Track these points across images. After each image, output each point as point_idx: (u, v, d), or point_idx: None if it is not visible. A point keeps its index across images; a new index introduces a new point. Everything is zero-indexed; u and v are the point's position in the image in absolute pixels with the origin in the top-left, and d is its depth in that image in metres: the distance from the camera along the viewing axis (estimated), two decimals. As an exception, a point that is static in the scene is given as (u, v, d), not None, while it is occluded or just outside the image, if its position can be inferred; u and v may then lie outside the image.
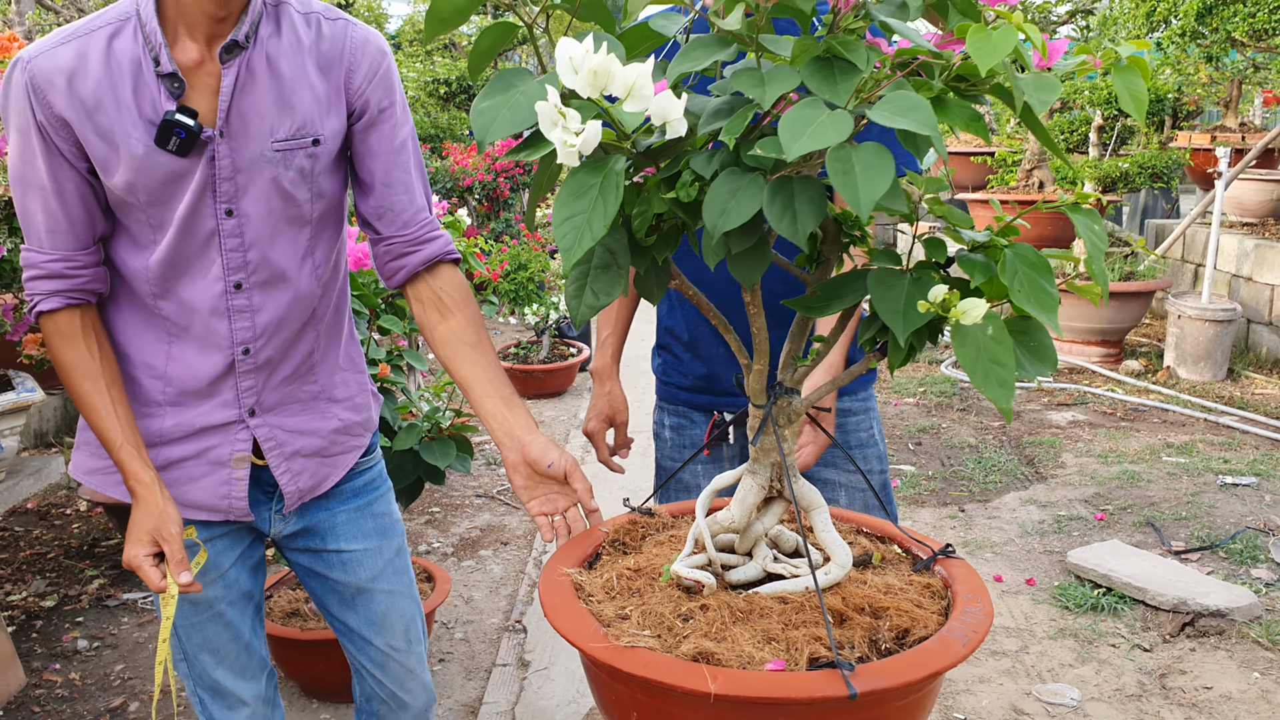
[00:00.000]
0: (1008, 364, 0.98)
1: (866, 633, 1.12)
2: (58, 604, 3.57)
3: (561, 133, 0.95)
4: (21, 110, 1.45)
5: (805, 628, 1.11)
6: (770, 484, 1.22)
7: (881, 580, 1.23)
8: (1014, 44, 0.89)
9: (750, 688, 1.00)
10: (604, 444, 2.14)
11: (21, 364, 3.74)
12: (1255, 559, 3.80)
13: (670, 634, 1.11)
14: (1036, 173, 8.00)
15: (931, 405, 5.93)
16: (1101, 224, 1.06)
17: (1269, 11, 5.90)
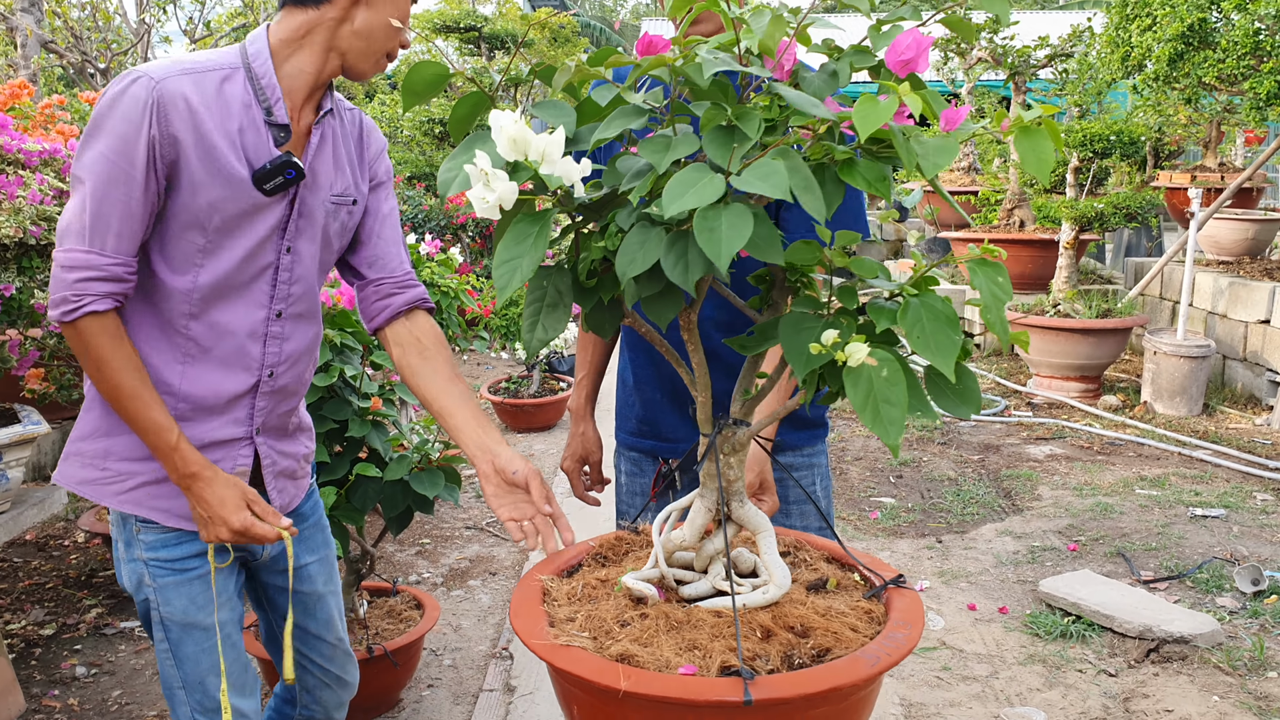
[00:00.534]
0: (899, 404, 1.08)
1: (785, 648, 1.22)
2: (56, 632, 3.67)
3: (481, 189, 1.09)
4: (134, 120, 1.59)
5: (728, 639, 1.22)
6: (717, 507, 1.34)
7: (825, 603, 1.34)
8: (891, 114, 1.02)
9: (657, 688, 1.12)
10: (579, 481, 2.24)
11: (24, 398, 3.86)
12: (1221, 588, 3.91)
13: (606, 637, 1.24)
14: (1017, 212, 8.19)
15: (912, 439, 6.06)
16: (1006, 277, 1.16)
17: (1237, 58, 6.08)
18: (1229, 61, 6.18)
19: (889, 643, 1.23)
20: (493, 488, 1.64)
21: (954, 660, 3.45)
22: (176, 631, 1.80)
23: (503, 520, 1.60)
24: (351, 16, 1.72)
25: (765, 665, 1.19)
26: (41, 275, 3.13)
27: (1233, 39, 6.12)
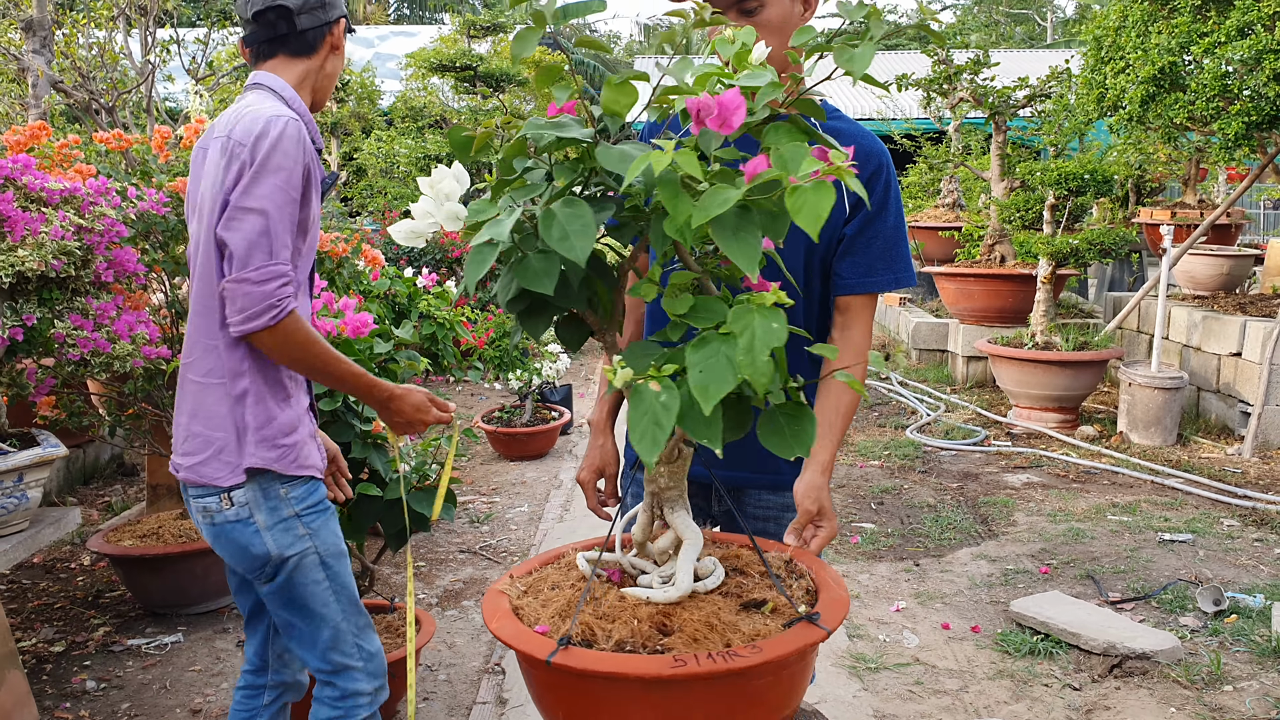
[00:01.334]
0: (665, 426, 1.22)
1: (634, 636, 1.39)
2: (66, 649, 3.82)
3: (410, 223, 1.41)
4: (294, 155, 2.03)
5: (625, 620, 1.43)
6: (654, 510, 1.53)
7: (728, 618, 1.44)
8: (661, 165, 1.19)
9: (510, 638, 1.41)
10: (593, 493, 2.19)
11: (36, 424, 4.03)
12: (1184, 608, 4.08)
13: (543, 609, 1.48)
14: (998, 247, 8.41)
15: (895, 468, 6.23)
16: (782, 321, 1.22)
17: (1206, 100, 6.32)
18: (1199, 103, 6.42)
19: (716, 659, 1.32)
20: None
21: (926, 675, 3.61)
22: (333, 563, 2.21)
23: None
24: (325, 63, 2.25)
25: (607, 643, 1.37)
26: (61, 306, 3.31)
27: (1202, 81, 6.36)
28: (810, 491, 1.86)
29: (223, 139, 2.06)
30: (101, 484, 6.02)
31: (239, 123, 2.06)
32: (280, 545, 2.13)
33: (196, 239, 2.13)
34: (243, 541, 2.12)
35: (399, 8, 33.87)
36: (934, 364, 9.31)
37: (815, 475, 1.87)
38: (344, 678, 2.28)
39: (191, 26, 14.54)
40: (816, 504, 1.85)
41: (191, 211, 2.19)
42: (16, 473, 3.02)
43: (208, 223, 2.06)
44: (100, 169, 3.79)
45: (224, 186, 2.02)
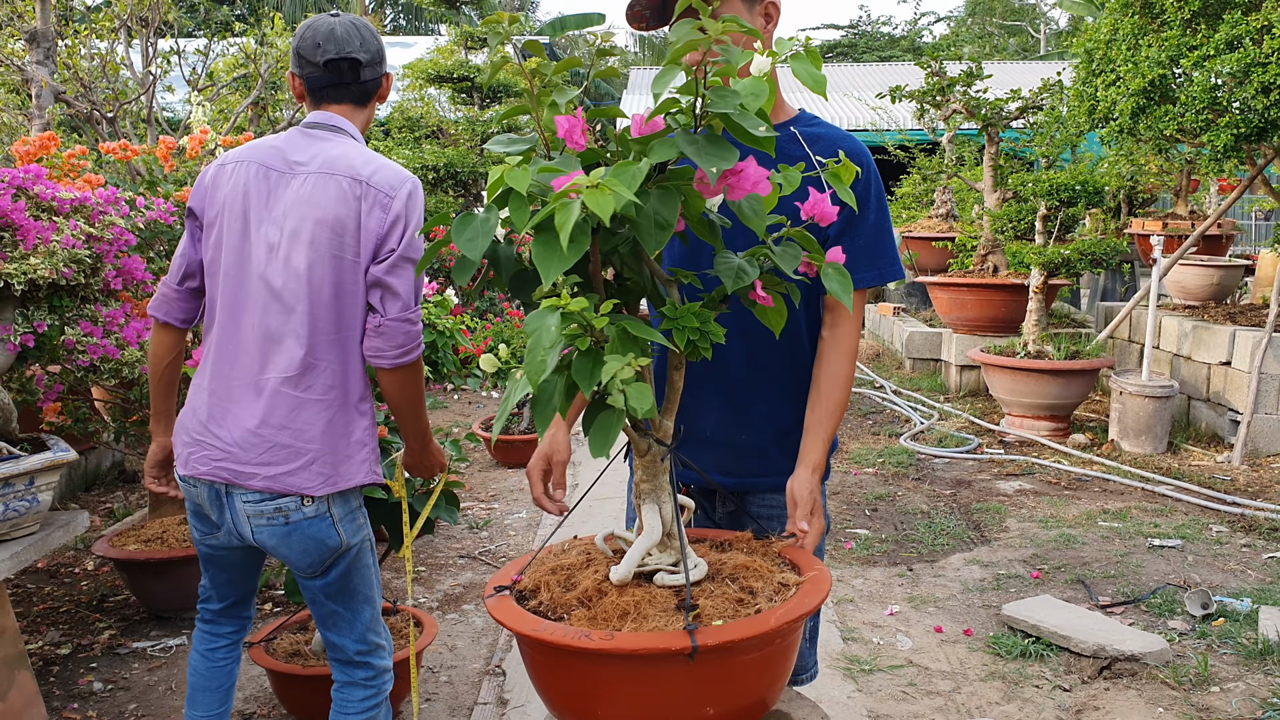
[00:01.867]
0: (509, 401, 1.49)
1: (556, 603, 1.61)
2: (72, 652, 3.87)
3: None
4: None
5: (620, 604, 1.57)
6: (637, 501, 1.69)
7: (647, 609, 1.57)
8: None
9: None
10: (538, 482, 2.19)
11: (43, 429, 4.09)
12: (1173, 612, 4.15)
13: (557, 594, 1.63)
14: (991, 257, 8.50)
15: (889, 475, 6.30)
16: (560, 321, 1.41)
17: (1195, 113, 6.41)
18: (1189, 115, 6.49)
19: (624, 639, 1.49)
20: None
21: (919, 677, 3.68)
22: (374, 549, 2.46)
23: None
24: (373, 111, 2.45)
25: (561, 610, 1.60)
26: (70, 314, 3.37)
27: (1191, 94, 6.44)
28: (803, 487, 1.95)
29: (351, 179, 2.24)
30: (103, 490, 6.07)
31: (377, 170, 2.26)
32: (349, 535, 2.34)
33: (297, 269, 2.23)
34: (320, 536, 2.28)
35: (395, 18, 34.00)
36: (928, 373, 9.39)
37: (807, 472, 1.96)
38: (377, 655, 2.48)
39: (189, 37, 14.61)
40: (810, 500, 1.93)
41: (258, 225, 2.27)
42: (28, 476, 3.08)
43: (330, 261, 2.23)
44: (109, 179, 3.86)
45: (374, 231, 2.23)
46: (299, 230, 2.22)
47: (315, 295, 2.22)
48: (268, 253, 2.24)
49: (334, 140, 2.31)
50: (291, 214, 2.23)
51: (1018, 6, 40.44)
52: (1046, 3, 39.84)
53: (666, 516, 1.67)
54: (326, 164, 2.25)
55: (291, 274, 2.22)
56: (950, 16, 41.51)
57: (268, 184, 2.27)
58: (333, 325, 2.24)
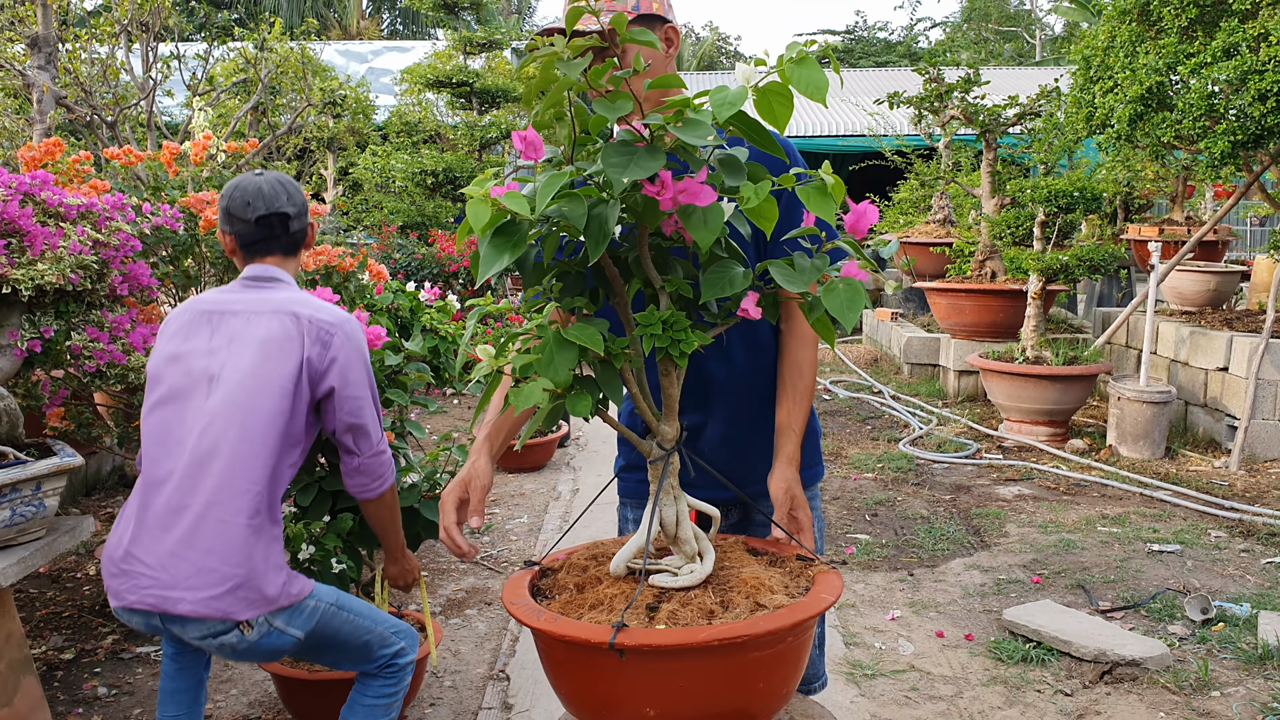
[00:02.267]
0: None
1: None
2: (76, 656, 3.88)
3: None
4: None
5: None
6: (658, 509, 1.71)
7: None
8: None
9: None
10: (450, 511, 2.01)
11: (46, 435, 4.09)
12: (1173, 617, 4.17)
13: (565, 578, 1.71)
14: (989, 263, 8.52)
15: (889, 480, 6.32)
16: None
17: (1193, 120, 6.44)
18: (1185, 122, 6.53)
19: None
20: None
21: (922, 682, 3.70)
22: (341, 601, 2.50)
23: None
24: (301, 257, 2.63)
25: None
26: (77, 319, 3.38)
27: (1189, 101, 6.48)
28: (782, 484, 2.01)
29: (292, 316, 2.36)
30: (103, 495, 6.07)
31: (318, 310, 2.38)
32: (303, 626, 2.38)
33: (235, 397, 2.31)
34: (274, 645, 2.36)
35: (392, 23, 34.04)
36: (925, 378, 9.41)
37: (785, 469, 2.03)
38: (398, 658, 2.58)
39: (186, 40, 14.62)
40: (789, 494, 2.00)
41: (208, 359, 2.37)
42: (35, 481, 3.09)
43: (269, 389, 2.31)
44: (114, 185, 3.87)
45: (315, 367, 2.35)
46: (238, 363, 2.33)
47: (247, 424, 2.30)
48: (207, 383, 2.34)
49: (274, 288, 2.47)
50: (231, 348, 2.36)
51: (1013, 12, 40.55)
52: (1042, 9, 39.97)
53: (668, 519, 1.69)
54: (268, 305, 2.40)
55: (226, 404, 2.32)
56: (946, 22, 41.61)
57: (209, 324, 2.41)
58: (266, 453, 2.32)
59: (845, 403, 8.72)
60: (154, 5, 7.65)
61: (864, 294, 1.50)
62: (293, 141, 12.05)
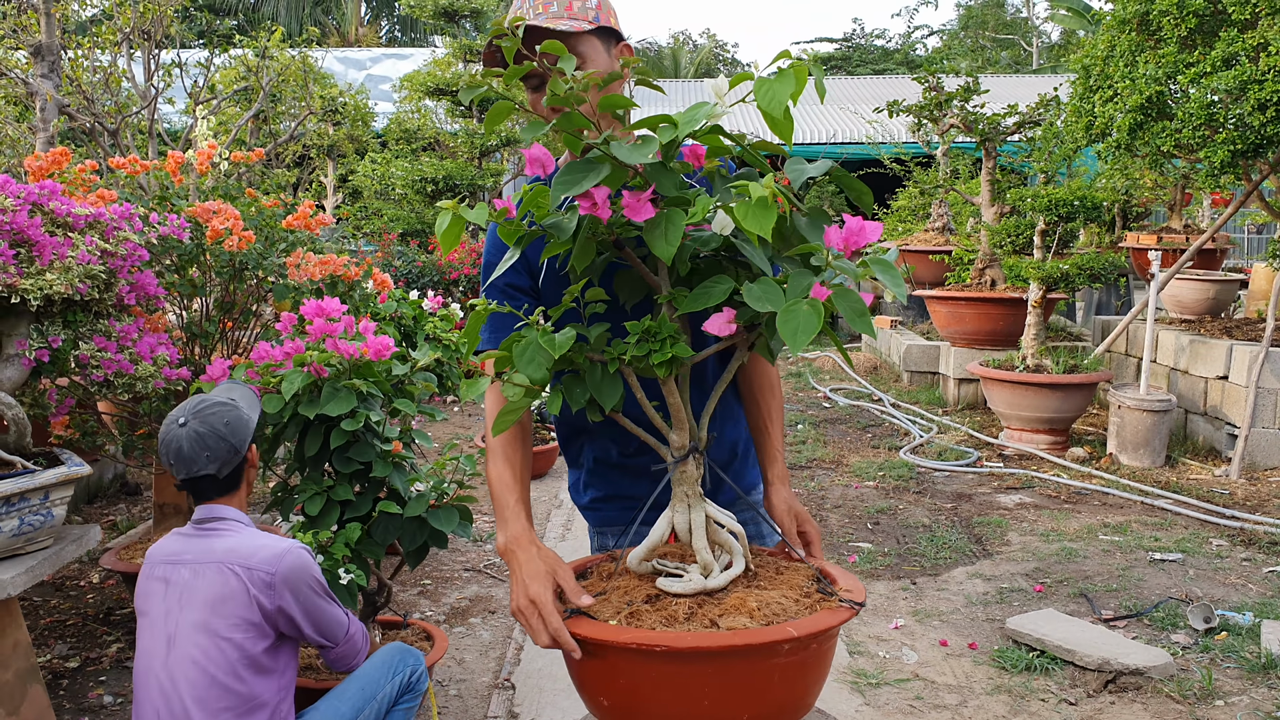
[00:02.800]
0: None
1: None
2: (81, 665, 3.88)
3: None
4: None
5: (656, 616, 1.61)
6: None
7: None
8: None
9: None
10: (554, 612, 1.59)
11: (52, 443, 4.10)
12: (1175, 625, 4.19)
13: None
14: (988, 271, 8.55)
15: (890, 488, 6.33)
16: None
17: (1192, 129, 6.46)
18: (1185, 132, 6.55)
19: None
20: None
21: (926, 691, 3.70)
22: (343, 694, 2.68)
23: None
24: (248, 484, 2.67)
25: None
26: (84, 329, 3.39)
27: (1188, 110, 6.50)
28: (783, 504, 1.95)
29: (242, 567, 2.42)
30: (105, 503, 6.07)
31: (257, 550, 2.44)
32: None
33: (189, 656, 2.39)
34: None
35: (390, 30, 34.08)
36: (925, 386, 9.43)
37: (781, 489, 1.98)
38: (418, 680, 2.73)
39: (189, 48, 14.63)
40: (793, 512, 1.95)
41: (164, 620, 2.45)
42: (43, 490, 3.09)
43: (221, 645, 2.38)
44: (121, 194, 3.88)
45: (266, 608, 2.40)
46: (190, 618, 2.41)
47: (208, 684, 2.37)
48: (166, 646, 2.41)
49: (219, 533, 2.53)
50: (182, 605, 2.43)
51: (1010, 20, 40.66)
52: (1038, 16, 40.08)
53: (680, 524, 1.70)
54: (212, 555, 2.46)
55: (187, 667, 2.38)
56: (943, 30, 41.72)
57: (165, 580, 2.49)
58: (232, 697, 2.38)
59: (845, 410, 8.73)
60: (156, 13, 7.66)
61: (821, 318, 1.40)
62: (291, 148, 12.06)
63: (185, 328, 4.14)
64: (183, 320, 4.19)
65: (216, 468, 2.53)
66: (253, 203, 4.22)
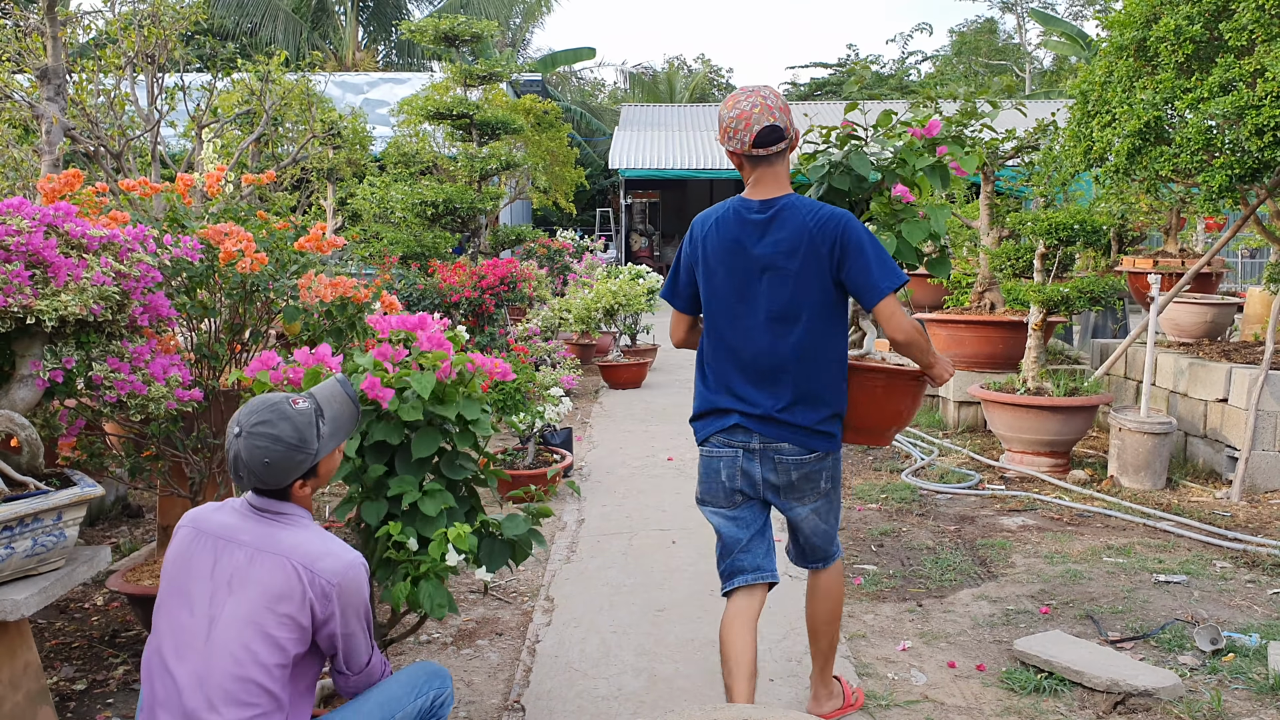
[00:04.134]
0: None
1: None
2: (88, 687, 3.87)
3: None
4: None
5: None
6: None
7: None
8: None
9: None
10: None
11: (59, 464, 4.10)
12: (1182, 647, 4.19)
13: None
14: (988, 295, 8.58)
15: (893, 510, 6.34)
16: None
17: (1190, 154, 6.52)
18: (1183, 156, 6.61)
19: None
20: None
21: (936, 712, 3.70)
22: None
23: None
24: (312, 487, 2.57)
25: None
26: (97, 350, 3.40)
27: (1186, 135, 6.56)
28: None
29: (297, 573, 2.39)
30: (107, 526, 6.06)
31: (322, 557, 2.42)
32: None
33: (252, 628, 2.36)
34: None
35: (388, 55, 34.22)
36: (926, 409, 9.45)
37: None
38: (441, 705, 2.74)
39: (192, 71, 14.66)
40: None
41: (209, 602, 2.41)
42: (56, 511, 3.10)
43: (266, 640, 2.36)
44: (134, 216, 3.90)
45: (317, 614, 2.40)
46: (236, 610, 2.36)
47: (242, 668, 2.33)
48: (207, 627, 2.37)
49: (282, 524, 2.48)
50: (232, 588, 2.38)
51: (1002, 46, 40.96)
52: (1031, 43, 40.38)
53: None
54: (274, 546, 2.42)
55: (229, 644, 2.35)
56: (936, 55, 42.02)
57: (213, 552, 2.44)
58: (252, 696, 2.34)
59: (845, 433, 8.75)
60: (160, 37, 7.70)
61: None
62: (289, 172, 12.09)
63: (195, 349, 4.15)
64: (191, 341, 4.20)
65: (285, 470, 2.46)
66: (264, 225, 4.24)
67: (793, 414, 3.20)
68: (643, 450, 8.10)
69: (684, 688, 3.89)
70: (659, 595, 4.87)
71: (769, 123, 3.11)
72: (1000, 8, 41.83)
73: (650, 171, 24.88)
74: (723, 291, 3.24)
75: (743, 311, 3.22)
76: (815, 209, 3.15)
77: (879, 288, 3.07)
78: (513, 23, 35.81)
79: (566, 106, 31.20)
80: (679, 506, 6.42)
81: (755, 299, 3.20)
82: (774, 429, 3.22)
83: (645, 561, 5.37)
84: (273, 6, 29.72)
